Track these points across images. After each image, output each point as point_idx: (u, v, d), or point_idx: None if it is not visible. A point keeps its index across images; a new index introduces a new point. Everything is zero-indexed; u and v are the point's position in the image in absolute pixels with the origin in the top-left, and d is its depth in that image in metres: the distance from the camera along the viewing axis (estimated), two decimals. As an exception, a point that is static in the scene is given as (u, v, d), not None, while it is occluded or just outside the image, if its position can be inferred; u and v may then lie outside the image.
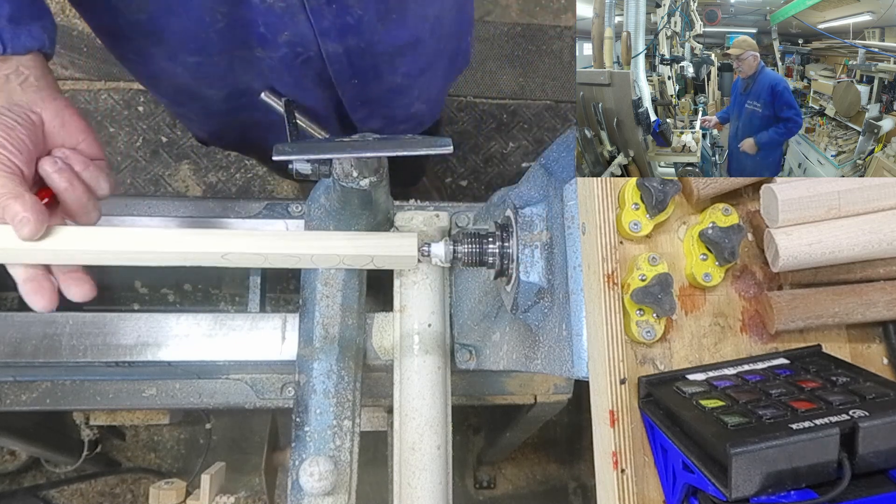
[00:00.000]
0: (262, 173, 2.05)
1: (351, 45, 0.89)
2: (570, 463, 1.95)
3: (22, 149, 0.64)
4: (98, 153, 0.71)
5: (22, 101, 0.66)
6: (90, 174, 0.68)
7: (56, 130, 0.68)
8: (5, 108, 0.64)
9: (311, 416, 0.80)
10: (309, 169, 0.75)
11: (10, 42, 0.65)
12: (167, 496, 0.89)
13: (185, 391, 0.96)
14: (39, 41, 0.67)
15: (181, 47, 0.86)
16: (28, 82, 0.66)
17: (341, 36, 0.87)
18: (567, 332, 0.61)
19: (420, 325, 0.85)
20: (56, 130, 0.68)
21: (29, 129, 0.65)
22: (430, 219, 0.90)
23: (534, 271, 0.68)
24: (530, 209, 0.70)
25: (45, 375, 0.94)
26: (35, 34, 0.67)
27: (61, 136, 0.68)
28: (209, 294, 1.35)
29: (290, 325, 0.90)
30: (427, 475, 0.80)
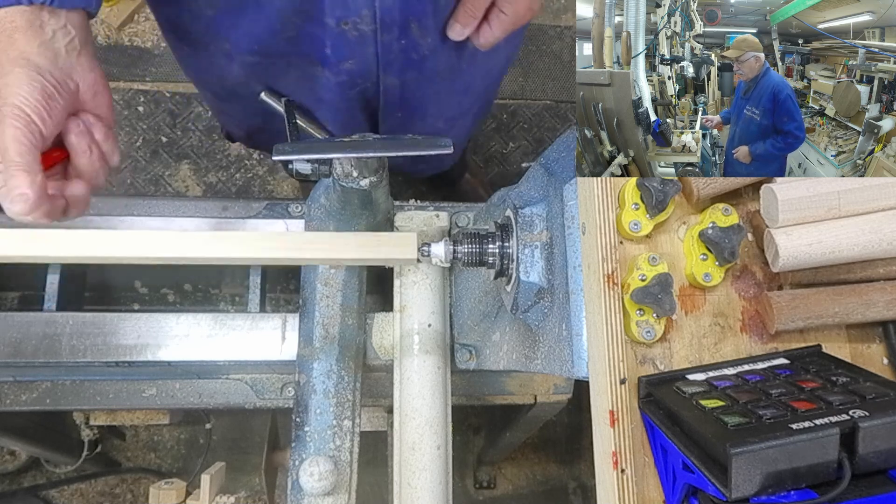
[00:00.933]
0: (262, 173, 2.05)
1: (408, 80, 0.90)
2: (570, 463, 1.95)
3: (55, 118, 0.63)
4: (112, 124, 0.72)
5: (64, 65, 0.65)
6: (108, 144, 0.69)
7: (87, 99, 0.68)
8: (49, 71, 0.63)
9: (311, 416, 0.80)
10: (309, 169, 0.75)
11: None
12: (167, 496, 0.89)
13: (185, 391, 0.96)
14: (87, 1, 0.66)
15: (244, 46, 0.86)
16: (73, 44, 0.65)
17: (402, 70, 0.88)
18: (567, 332, 0.61)
19: (420, 325, 0.85)
20: (87, 99, 0.68)
21: (66, 97, 0.65)
22: (429, 219, 0.90)
23: (534, 271, 0.68)
24: (530, 209, 0.70)
25: (45, 375, 0.94)
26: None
27: (90, 104, 0.68)
28: (209, 294, 1.35)
29: (290, 325, 0.90)
30: (427, 475, 0.80)
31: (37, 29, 0.63)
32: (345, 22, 0.79)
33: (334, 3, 0.77)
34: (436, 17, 0.82)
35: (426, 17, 0.81)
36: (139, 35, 2.10)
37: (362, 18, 0.79)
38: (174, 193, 2.01)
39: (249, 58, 0.88)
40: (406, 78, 0.90)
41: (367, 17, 0.78)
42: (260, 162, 2.05)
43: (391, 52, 0.84)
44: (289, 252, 0.70)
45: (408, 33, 0.82)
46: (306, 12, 0.79)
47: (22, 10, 0.62)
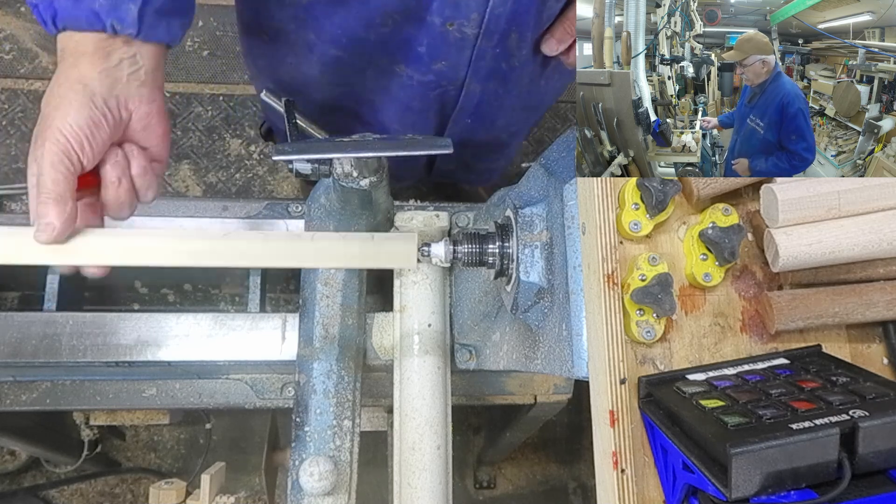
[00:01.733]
0: (263, 173, 2.05)
1: (489, 88, 0.91)
2: (570, 463, 1.95)
3: (97, 148, 0.62)
4: (163, 157, 0.70)
5: (121, 93, 0.63)
6: (143, 180, 0.67)
7: (137, 130, 0.66)
8: (102, 98, 0.62)
9: (311, 416, 0.80)
10: (309, 169, 0.75)
11: (146, 31, 0.63)
12: (167, 496, 0.89)
13: (185, 391, 0.96)
14: (171, 36, 0.66)
15: (331, 38, 0.85)
16: (136, 75, 0.64)
17: (487, 78, 0.89)
18: (567, 332, 0.61)
19: (420, 325, 0.85)
20: (137, 130, 0.66)
21: (113, 126, 0.63)
22: (429, 219, 0.90)
23: (534, 271, 0.68)
24: (530, 209, 0.70)
25: (45, 375, 0.94)
26: (172, 29, 0.65)
27: (139, 136, 0.67)
28: (209, 294, 1.35)
29: (290, 325, 0.89)
30: (427, 475, 0.80)
31: (102, 55, 0.62)
32: (451, 23, 0.79)
33: (445, 2, 0.77)
34: (535, 31, 0.83)
35: (528, 29, 0.82)
36: (139, 35, 2.10)
37: (470, 21, 0.78)
38: (174, 193, 2.01)
39: (333, 50, 0.87)
40: (488, 86, 0.91)
41: (475, 21, 0.78)
42: (260, 162, 2.05)
43: (484, 59, 0.85)
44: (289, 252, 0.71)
45: (506, 42, 0.82)
46: (411, 9, 0.78)
47: (95, 36, 0.62)
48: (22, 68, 2.03)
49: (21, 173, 1.96)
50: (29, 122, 2.00)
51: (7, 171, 1.96)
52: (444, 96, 0.93)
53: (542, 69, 0.92)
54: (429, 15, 0.78)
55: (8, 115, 2.00)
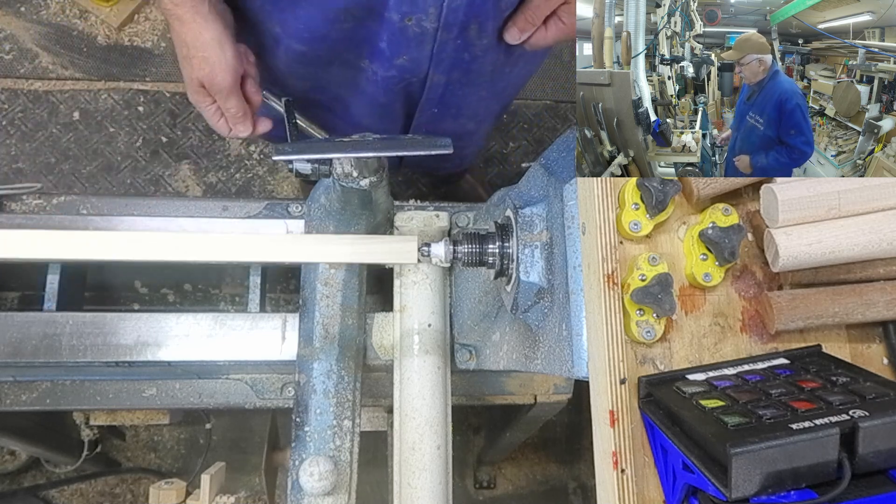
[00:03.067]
0: (263, 173, 2.05)
1: (453, 78, 0.92)
2: (570, 463, 1.95)
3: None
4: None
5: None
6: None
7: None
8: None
9: (311, 416, 0.80)
10: (309, 169, 0.75)
11: None
12: (167, 496, 0.89)
13: (185, 391, 0.96)
14: None
15: (294, 33, 0.86)
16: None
17: (450, 69, 0.90)
18: (567, 332, 0.61)
19: (420, 325, 0.85)
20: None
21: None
22: (429, 219, 0.90)
23: (534, 271, 0.68)
24: (530, 209, 0.70)
25: (45, 375, 0.94)
26: None
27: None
28: (209, 294, 1.35)
29: (290, 325, 0.89)
30: (427, 475, 0.80)
31: None
32: (409, 18, 0.80)
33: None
34: (495, 21, 0.83)
35: (487, 19, 0.82)
36: (139, 35, 2.09)
37: (428, 15, 0.79)
38: (174, 193, 2.01)
39: (297, 45, 0.88)
40: (452, 76, 0.91)
41: (432, 15, 0.79)
42: (260, 162, 2.05)
43: (445, 51, 0.85)
44: (289, 253, 0.71)
45: (466, 34, 0.83)
46: (369, 6, 0.79)
47: None
48: (22, 68, 2.03)
49: (21, 173, 1.96)
50: (29, 122, 2.00)
51: (7, 171, 1.96)
52: (409, 89, 0.94)
53: (506, 57, 0.92)
54: (387, 11, 0.79)
55: (8, 115, 2.00)
